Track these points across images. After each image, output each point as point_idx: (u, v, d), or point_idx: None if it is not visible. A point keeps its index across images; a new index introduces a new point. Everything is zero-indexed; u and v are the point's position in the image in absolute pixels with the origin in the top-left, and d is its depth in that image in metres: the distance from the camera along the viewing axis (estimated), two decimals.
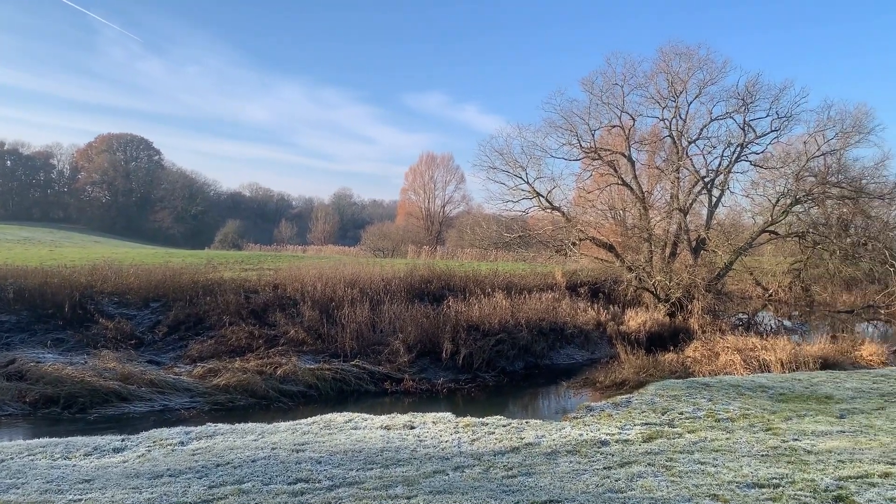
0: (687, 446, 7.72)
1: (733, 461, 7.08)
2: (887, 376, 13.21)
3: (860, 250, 37.85)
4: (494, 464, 7.19)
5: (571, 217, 29.46)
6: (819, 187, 34.15)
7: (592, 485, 6.33)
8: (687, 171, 31.40)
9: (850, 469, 6.77)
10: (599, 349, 22.02)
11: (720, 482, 6.36)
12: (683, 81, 30.24)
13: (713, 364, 18.51)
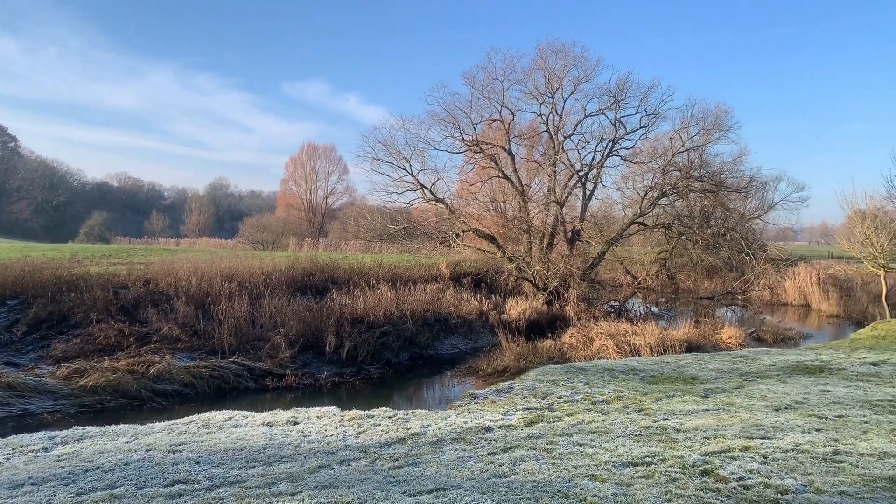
0: (566, 429, 8.04)
1: (609, 441, 7.44)
2: (745, 357, 14.27)
3: (720, 240, 40.57)
4: (381, 455, 7.21)
5: (455, 209, 29.85)
6: (683, 181, 36.28)
7: (477, 471, 6.48)
8: (563, 165, 32.51)
9: (714, 445, 7.27)
10: (482, 338, 22.47)
11: (598, 462, 6.67)
12: (559, 78, 31.24)
13: (588, 349, 19.34)
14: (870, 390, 10.31)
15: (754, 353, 15.05)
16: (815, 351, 15.47)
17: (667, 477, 6.18)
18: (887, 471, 6.32)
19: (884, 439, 7.44)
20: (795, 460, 6.65)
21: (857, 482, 6.02)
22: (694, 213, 41.20)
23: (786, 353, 15.01)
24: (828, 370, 12.16)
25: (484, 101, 30.61)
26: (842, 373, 11.91)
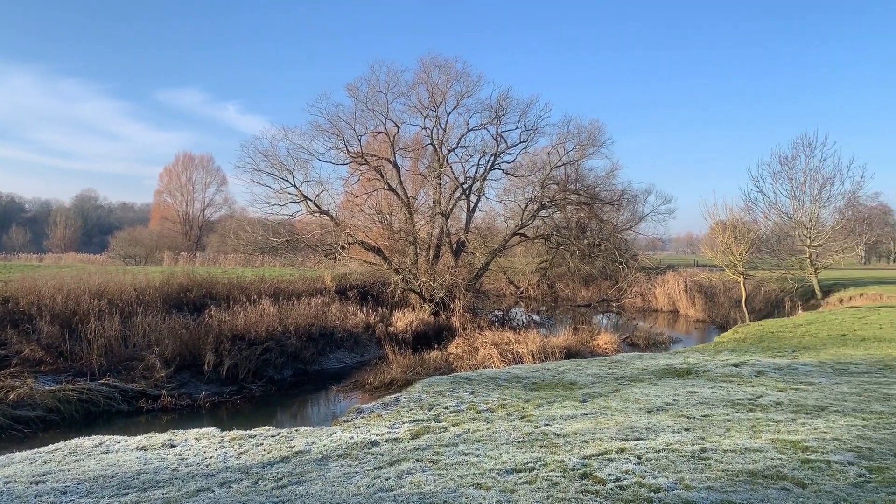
0: (452, 439, 8.13)
1: (493, 449, 7.59)
2: (620, 362, 14.94)
3: (595, 250, 42.41)
4: (264, 475, 7.02)
5: (340, 221, 29.60)
6: (561, 194, 37.70)
7: (363, 486, 6.44)
8: (448, 178, 33.00)
9: (592, 448, 7.57)
10: (369, 351, 22.37)
11: (483, 471, 6.78)
12: (443, 92, 31.74)
13: (474, 359, 19.66)
14: (732, 390, 11.07)
15: (628, 358, 15.79)
16: (683, 354, 16.43)
17: (548, 481, 6.36)
18: (748, 465, 6.78)
19: (744, 435, 7.99)
20: (667, 459, 7.02)
21: (722, 477, 6.42)
22: (571, 225, 42.93)
23: (657, 357, 15.85)
24: (695, 372, 12.95)
25: (368, 112, 30.63)
26: (707, 374, 12.72)
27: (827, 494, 5.93)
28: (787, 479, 6.36)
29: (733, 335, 21.05)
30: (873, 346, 16.36)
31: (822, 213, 36.92)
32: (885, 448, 7.37)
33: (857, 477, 6.42)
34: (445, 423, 9.02)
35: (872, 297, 34.29)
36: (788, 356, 15.14)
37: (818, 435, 7.94)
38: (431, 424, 8.98)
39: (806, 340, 18.09)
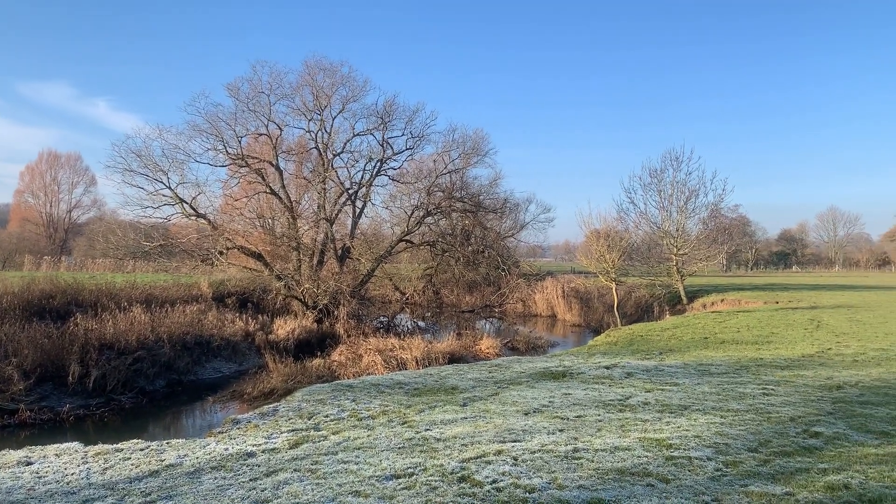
0: (331, 448, 8.03)
1: (374, 456, 7.55)
2: (500, 366, 15.27)
3: (479, 257, 43.25)
4: (130, 491, 6.66)
5: (218, 225, 28.59)
6: (446, 201, 38.17)
7: (238, 498, 6.24)
8: (333, 183, 32.68)
9: (471, 451, 7.68)
10: (248, 360, 21.71)
11: (362, 478, 6.73)
12: (328, 96, 31.41)
13: (357, 366, 19.51)
14: (603, 391, 11.56)
15: (508, 362, 16.17)
16: (559, 357, 17.00)
17: (427, 486, 6.41)
18: (617, 463, 7.10)
19: (614, 435, 8.36)
20: (542, 460, 7.23)
21: (593, 475, 6.69)
22: (456, 232, 43.60)
23: (535, 361, 16.31)
24: (570, 375, 13.43)
25: (249, 114, 29.83)
26: (581, 376, 13.22)
27: (688, 489, 6.30)
28: (653, 475, 6.71)
29: (606, 339, 22.01)
30: (732, 349, 17.56)
31: (687, 223, 39.26)
32: (739, 443, 7.92)
33: (715, 471, 6.86)
34: (325, 432, 8.89)
35: (732, 302, 36.85)
36: (656, 358, 15.99)
37: (681, 433, 8.43)
38: (311, 433, 8.82)
39: (672, 343, 19.17)
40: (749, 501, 5.96)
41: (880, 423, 8.93)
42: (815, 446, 7.82)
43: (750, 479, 6.62)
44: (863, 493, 6.16)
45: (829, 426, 8.76)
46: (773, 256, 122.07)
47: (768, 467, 7.00)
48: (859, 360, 15.04)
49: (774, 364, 14.65)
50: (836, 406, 10.09)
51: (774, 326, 22.83)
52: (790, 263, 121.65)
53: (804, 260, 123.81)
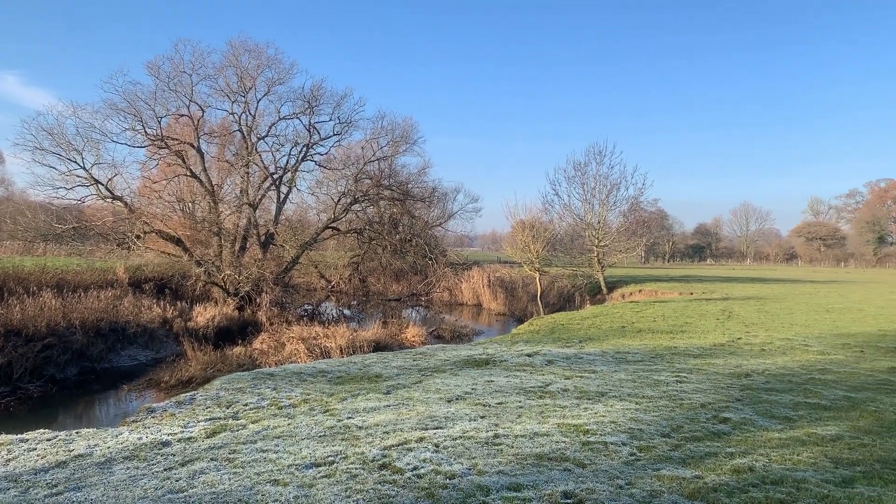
0: (250, 436, 7.88)
1: (294, 445, 7.45)
2: (424, 353, 15.32)
3: (406, 245, 43.19)
4: (36, 483, 6.36)
5: (136, 208, 27.57)
6: (374, 189, 37.96)
7: (151, 489, 6.05)
8: (257, 167, 31.98)
9: (393, 438, 7.68)
10: (166, 347, 21.09)
11: (281, 467, 6.64)
12: (253, 78, 30.67)
13: (280, 354, 19.22)
14: (525, 378, 11.75)
15: (432, 350, 16.24)
16: (483, 346, 17.19)
17: (348, 474, 6.37)
18: (535, 448, 7.24)
19: (534, 421, 8.51)
20: (463, 446, 7.30)
21: (512, 461, 6.79)
22: (384, 220, 43.39)
23: (459, 349, 16.44)
24: (492, 362, 13.60)
25: (170, 93, 28.81)
26: (504, 364, 13.41)
27: (603, 473, 6.48)
28: (570, 460, 6.87)
29: (529, 327, 22.37)
30: (647, 337, 18.15)
31: (609, 215, 40.29)
32: (653, 429, 8.20)
33: (629, 456, 7.08)
34: (244, 421, 8.72)
35: (649, 293, 38.05)
36: (576, 346, 16.37)
37: (598, 419, 8.66)
38: (229, 422, 8.64)
39: (592, 332, 19.66)
40: (660, 485, 6.17)
41: (784, 409, 9.41)
42: (724, 431, 8.17)
43: (662, 463, 6.86)
44: (766, 475, 6.47)
45: (737, 412, 9.17)
46: (688, 249, 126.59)
47: (679, 452, 7.27)
48: (766, 350, 15.79)
49: (688, 353, 15.22)
50: (743, 393, 10.57)
51: (688, 316, 23.71)
52: (705, 256, 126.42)
53: (718, 253, 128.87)
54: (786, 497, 5.89)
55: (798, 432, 8.15)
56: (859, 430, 8.37)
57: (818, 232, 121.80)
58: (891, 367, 13.36)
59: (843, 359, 14.38)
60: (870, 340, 17.40)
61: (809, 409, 9.52)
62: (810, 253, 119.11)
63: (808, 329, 19.92)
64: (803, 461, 6.97)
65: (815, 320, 22.49)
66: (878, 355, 14.93)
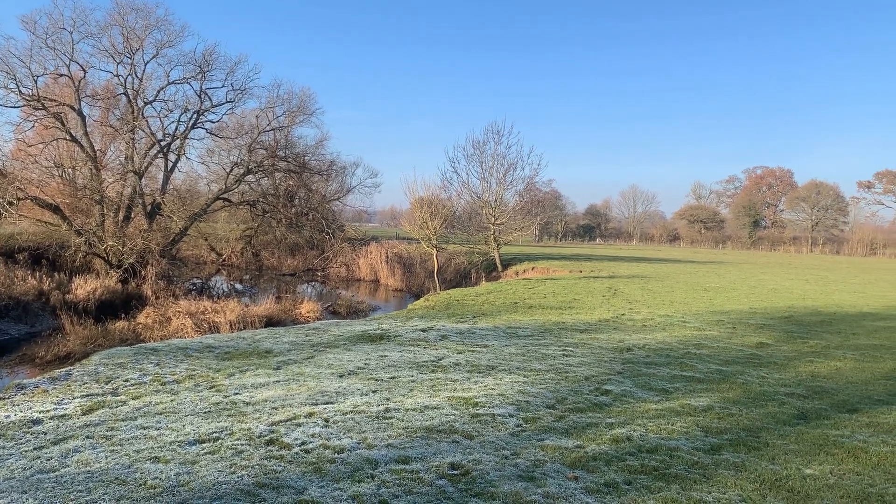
0: (130, 413, 7.55)
1: (176, 422, 7.21)
2: (318, 329, 15.13)
3: (303, 219, 42.46)
4: None
5: (8, 173, 25.66)
6: (269, 160, 37.02)
7: (19, 468, 5.70)
8: (143, 133, 30.50)
9: (281, 414, 7.56)
10: (42, 321, 19.88)
11: (162, 444, 6.42)
12: (140, 39, 29.11)
13: (165, 329, 18.51)
14: (418, 353, 11.84)
15: (326, 325, 16.07)
16: (378, 321, 17.17)
17: (233, 450, 6.24)
18: (426, 421, 7.32)
19: (425, 395, 8.60)
20: (353, 421, 7.29)
21: (402, 434, 6.85)
22: (279, 192, 42.45)
23: (353, 324, 16.35)
24: (387, 338, 13.62)
25: (48, 51, 26.94)
26: (398, 339, 13.45)
27: (490, 444, 6.64)
28: (458, 432, 7.00)
29: (425, 303, 22.52)
30: (538, 313, 18.67)
31: (505, 194, 41.02)
32: (539, 401, 8.46)
33: (516, 427, 7.29)
34: (124, 397, 8.35)
35: (541, 270, 39.13)
36: (470, 322, 16.63)
37: (487, 391, 8.85)
38: (108, 399, 8.24)
39: (485, 308, 20.02)
40: (544, 454, 6.40)
41: (661, 382, 9.93)
42: (605, 403, 8.54)
43: (546, 433, 7.11)
44: (642, 444, 6.83)
45: (618, 384, 9.60)
46: (580, 229, 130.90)
47: (563, 423, 7.55)
48: (647, 325, 16.60)
49: (575, 328, 15.78)
50: (625, 366, 11.07)
51: (577, 293, 24.56)
52: (595, 236, 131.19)
53: (607, 233, 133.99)
54: (659, 464, 6.23)
55: (673, 403, 8.63)
56: (728, 400, 8.96)
57: (699, 215, 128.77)
58: (759, 342, 14.36)
59: (717, 335, 15.31)
60: (741, 318, 18.61)
61: (685, 381, 10.09)
62: (692, 235, 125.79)
63: (687, 306, 21.08)
64: (677, 430, 7.39)
65: (694, 298, 23.82)
66: (748, 331, 15.99)
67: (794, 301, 23.88)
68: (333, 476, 5.64)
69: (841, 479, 6.02)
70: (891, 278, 41.58)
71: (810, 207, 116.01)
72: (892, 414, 8.50)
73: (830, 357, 12.70)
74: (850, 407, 8.83)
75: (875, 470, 6.32)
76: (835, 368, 11.62)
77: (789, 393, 9.51)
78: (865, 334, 16.09)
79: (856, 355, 12.97)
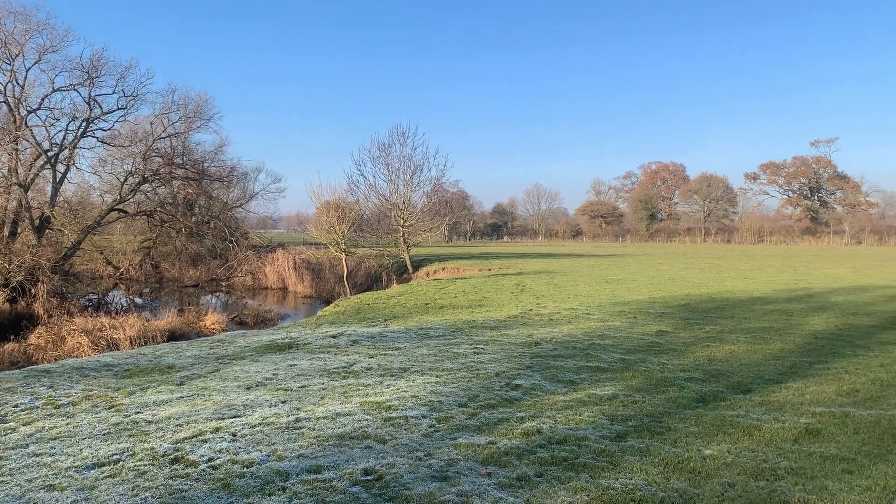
0: (21, 440, 7.10)
1: (73, 446, 6.84)
2: (223, 341, 14.69)
3: (204, 228, 41.20)
4: None
5: None
6: (166, 168, 35.73)
7: None
8: (28, 143, 28.79)
9: (186, 431, 7.29)
10: None
11: (57, 471, 6.07)
12: (20, 44, 27.52)
13: (59, 349, 17.55)
14: (329, 360, 11.69)
15: (232, 337, 15.65)
16: (286, 329, 16.85)
17: (135, 472, 5.97)
18: (337, 429, 7.24)
19: (337, 402, 8.51)
20: (262, 433, 7.12)
21: (313, 444, 6.74)
22: (178, 201, 40.99)
23: (260, 334, 15.99)
24: (296, 346, 13.37)
25: None
26: (308, 347, 13.24)
27: (403, 447, 6.63)
28: (371, 437, 6.95)
29: (335, 308, 22.28)
30: (449, 313, 18.81)
31: (413, 196, 41.09)
32: (451, 400, 8.52)
33: (429, 428, 7.31)
34: (14, 423, 7.85)
35: (452, 270, 39.46)
36: (381, 325, 16.57)
37: (400, 394, 8.83)
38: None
39: (397, 310, 20.01)
40: (457, 453, 6.44)
41: (568, 374, 10.19)
42: (516, 398, 8.69)
43: (459, 432, 7.16)
44: (552, 436, 6.98)
45: (527, 378, 9.79)
46: (488, 228, 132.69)
47: (475, 420, 7.63)
48: (554, 319, 17.01)
49: (485, 325, 15.99)
50: (534, 360, 11.30)
51: (486, 291, 24.91)
52: (502, 234, 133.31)
53: (514, 231, 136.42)
54: (569, 455, 6.39)
55: (580, 394, 8.88)
56: (632, 388, 9.29)
57: (600, 210, 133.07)
58: (659, 330, 14.97)
59: (619, 325, 15.86)
60: (642, 307, 19.35)
61: (590, 371, 10.40)
62: (594, 229, 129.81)
63: (591, 299, 21.74)
64: (584, 420, 7.61)
65: (597, 291, 24.60)
66: (648, 320, 16.64)
67: (691, 289, 25.03)
68: (243, 491, 5.49)
69: (738, 458, 6.34)
70: (777, 264, 44.26)
71: (702, 199, 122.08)
72: (781, 392, 9.04)
73: (725, 341, 13.38)
74: (744, 388, 9.34)
75: (768, 446, 6.70)
76: (729, 352, 12.25)
77: (688, 378, 9.96)
78: (756, 318, 17.05)
79: (748, 338, 13.73)
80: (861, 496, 5.43)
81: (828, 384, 9.54)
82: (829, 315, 17.50)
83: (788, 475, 5.88)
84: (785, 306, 19.58)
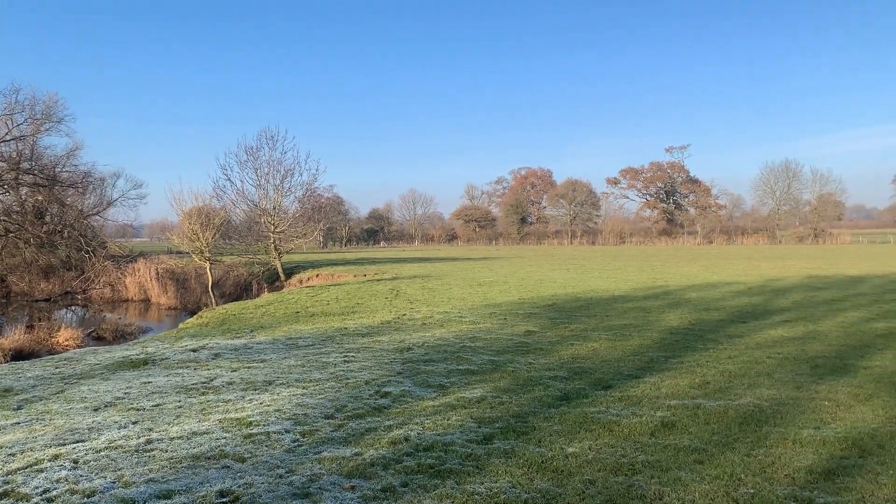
0: None
1: None
2: (71, 359, 13.58)
3: (57, 238, 38.35)
4: None
5: None
6: (11, 173, 33.00)
7: None
8: None
9: (20, 460, 6.61)
10: None
11: None
12: None
13: None
14: (187, 376, 11.04)
15: (81, 354, 14.50)
16: (142, 344, 15.85)
17: None
18: (192, 449, 6.79)
19: (194, 420, 8.01)
20: (108, 458, 6.57)
21: (165, 466, 6.28)
22: (26, 209, 37.99)
23: (113, 350, 14.92)
24: (152, 361, 12.55)
25: None
26: (165, 362, 12.46)
27: (263, 465, 6.30)
28: (229, 456, 6.57)
29: (197, 320, 21.26)
30: (320, 321, 18.39)
31: (284, 201, 40.10)
32: (317, 412, 8.23)
33: (292, 443, 7.00)
34: None
35: (326, 277, 38.80)
36: (246, 336, 15.92)
37: (263, 409, 8.44)
38: None
39: (265, 320, 19.34)
40: (321, 467, 6.20)
41: (439, 378, 10.15)
42: (385, 405, 8.53)
43: (324, 445, 6.91)
44: (419, 443, 6.88)
45: (397, 385, 9.65)
46: (364, 233, 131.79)
47: (342, 431, 7.40)
48: (427, 323, 17.00)
49: (357, 332, 15.72)
50: (405, 366, 11.19)
51: (360, 297, 24.61)
52: (379, 239, 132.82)
53: (390, 236, 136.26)
54: (435, 461, 6.30)
55: (450, 398, 8.84)
56: (499, 389, 9.37)
57: (473, 214, 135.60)
58: (527, 330, 15.29)
59: (490, 326, 16.07)
60: (512, 308, 19.75)
61: (461, 374, 10.41)
62: (468, 233, 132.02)
63: (464, 302, 21.96)
64: (452, 425, 7.56)
65: (470, 294, 24.91)
66: (517, 321, 16.98)
67: (557, 289, 25.86)
68: None
69: (598, 454, 6.49)
70: (637, 263, 46.69)
71: (568, 203, 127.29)
72: (639, 387, 9.41)
73: (588, 339, 13.85)
74: (605, 384, 9.65)
75: (626, 441, 6.91)
76: (592, 349, 12.67)
77: (553, 376, 10.18)
78: (617, 315, 17.81)
79: (609, 335, 14.28)
80: (711, 485, 5.68)
81: (682, 377, 10.04)
82: (684, 311, 18.55)
83: (645, 469, 6.07)
84: (643, 304, 20.60)
